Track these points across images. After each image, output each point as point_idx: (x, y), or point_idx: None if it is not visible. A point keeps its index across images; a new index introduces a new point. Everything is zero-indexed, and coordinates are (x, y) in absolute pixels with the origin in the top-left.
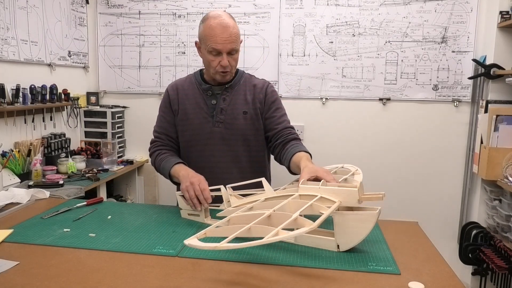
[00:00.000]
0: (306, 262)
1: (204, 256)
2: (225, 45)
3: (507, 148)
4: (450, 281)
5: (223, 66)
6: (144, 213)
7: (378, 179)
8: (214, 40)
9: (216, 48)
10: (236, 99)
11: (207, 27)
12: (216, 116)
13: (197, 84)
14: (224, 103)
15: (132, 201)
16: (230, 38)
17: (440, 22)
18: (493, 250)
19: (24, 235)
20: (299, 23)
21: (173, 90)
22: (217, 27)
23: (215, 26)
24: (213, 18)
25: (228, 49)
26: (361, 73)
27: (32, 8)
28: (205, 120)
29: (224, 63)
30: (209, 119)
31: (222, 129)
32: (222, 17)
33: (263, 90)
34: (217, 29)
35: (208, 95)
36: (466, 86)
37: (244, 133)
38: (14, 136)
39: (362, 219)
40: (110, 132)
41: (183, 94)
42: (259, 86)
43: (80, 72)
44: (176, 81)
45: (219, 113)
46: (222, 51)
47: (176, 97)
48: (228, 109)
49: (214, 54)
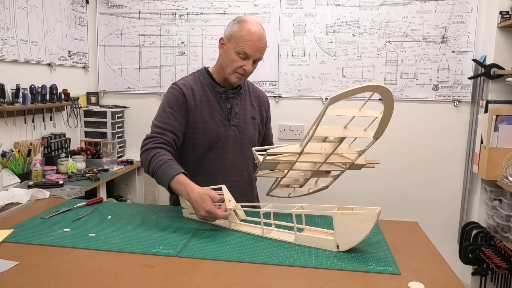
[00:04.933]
0: (306, 262)
1: (204, 256)
2: (256, 53)
3: (507, 148)
4: (450, 281)
5: (246, 70)
6: (144, 213)
7: (378, 179)
8: (249, 44)
9: (247, 53)
10: (245, 104)
11: (245, 30)
12: (232, 120)
13: (209, 86)
14: (237, 107)
15: (132, 201)
16: (262, 49)
17: (440, 22)
18: (493, 250)
19: (24, 235)
20: (299, 23)
21: (188, 90)
22: (255, 33)
23: (254, 31)
24: (251, 24)
25: (256, 57)
26: (361, 73)
27: (32, 8)
28: (221, 124)
29: (248, 68)
30: (225, 123)
31: (236, 132)
32: (259, 26)
33: (267, 100)
34: (255, 35)
35: (223, 98)
36: (466, 86)
37: (253, 137)
38: (14, 136)
39: (362, 219)
40: (110, 132)
41: (198, 96)
42: (263, 95)
43: (80, 72)
44: (186, 81)
45: (234, 117)
46: (251, 57)
47: (192, 97)
48: (241, 113)
49: (242, 57)
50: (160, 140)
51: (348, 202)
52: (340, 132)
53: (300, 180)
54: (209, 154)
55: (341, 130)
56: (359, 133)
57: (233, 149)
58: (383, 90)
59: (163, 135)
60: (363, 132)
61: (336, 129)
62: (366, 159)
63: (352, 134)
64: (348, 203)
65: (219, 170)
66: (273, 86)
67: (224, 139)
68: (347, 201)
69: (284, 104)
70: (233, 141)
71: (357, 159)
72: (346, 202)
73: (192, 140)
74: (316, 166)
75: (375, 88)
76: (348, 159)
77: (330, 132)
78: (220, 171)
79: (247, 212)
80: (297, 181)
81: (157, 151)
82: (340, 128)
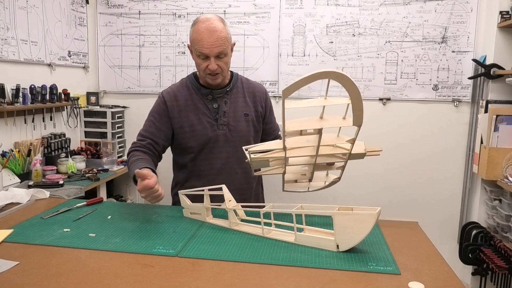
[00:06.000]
0: (306, 262)
1: (204, 256)
2: (212, 49)
3: (507, 148)
4: (450, 281)
5: (211, 69)
6: (144, 213)
7: (378, 179)
8: (201, 44)
9: (203, 52)
10: (236, 101)
11: (195, 31)
12: (220, 119)
13: (195, 89)
14: (225, 106)
15: (132, 201)
16: (217, 42)
17: (440, 22)
18: (493, 250)
19: (24, 235)
20: (299, 23)
21: (171, 98)
22: (204, 31)
23: (203, 30)
24: (201, 22)
25: (215, 53)
26: (361, 73)
27: (32, 8)
28: (209, 124)
29: (212, 67)
30: (213, 123)
31: (226, 131)
32: (210, 21)
33: (264, 95)
34: (204, 33)
35: (209, 99)
36: (466, 86)
37: (246, 135)
38: (14, 136)
39: (361, 219)
40: (110, 132)
41: (182, 101)
42: (260, 90)
43: (80, 72)
44: (172, 88)
45: (222, 116)
46: (209, 55)
47: (175, 104)
48: (230, 112)
49: (202, 58)
50: (138, 144)
51: (348, 202)
52: (316, 123)
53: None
54: (200, 155)
55: (316, 120)
56: (337, 121)
57: (223, 148)
58: (338, 76)
59: (141, 141)
60: (341, 120)
61: (311, 120)
62: (366, 147)
63: (329, 123)
64: (348, 203)
65: (210, 170)
66: (273, 86)
67: (213, 139)
68: (347, 201)
69: None
70: (223, 140)
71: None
72: (346, 202)
73: (183, 144)
74: (312, 160)
75: (328, 74)
76: (344, 149)
77: (304, 125)
78: (212, 170)
79: (247, 212)
80: (304, 176)
81: (133, 153)
82: (315, 119)
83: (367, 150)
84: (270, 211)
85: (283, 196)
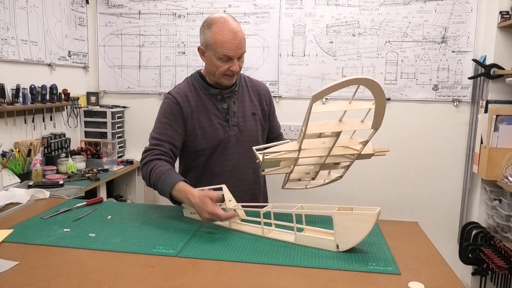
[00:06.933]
0: (306, 262)
1: (204, 256)
2: (237, 51)
3: (507, 148)
4: (450, 281)
5: (234, 71)
6: (144, 213)
7: (378, 179)
8: (226, 47)
9: (228, 55)
10: (243, 101)
11: (217, 33)
12: (231, 120)
13: (203, 89)
14: (235, 106)
15: (132, 201)
16: (241, 44)
17: (440, 22)
18: (493, 250)
19: (24, 235)
20: (299, 23)
21: (183, 98)
22: (227, 34)
23: (226, 33)
24: (221, 23)
25: (239, 54)
26: (361, 73)
27: (32, 8)
28: (220, 126)
29: (235, 68)
30: (224, 124)
31: (237, 132)
32: (229, 22)
33: (268, 93)
34: (228, 36)
35: (218, 100)
36: (466, 86)
37: (255, 134)
38: (14, 136)
39: (361, 219)
40: (110, 132)
41: (193, 102)
42: (263, 88)
43: (80, 72)
44: (180, 89)
45: (233, 117)
46: (233, 57)
47: (187, 105)
48: (239, 112)
49: (225, 60)
50: (157, 151)
51: (348, 202)
52: (335, 126)
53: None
54: (212, 157)
55: (336, 124)
56: (355, 125)
57: (235, 149)
58: (368, 82)
59: (160, 146)
60: (360, 123)
61: (331, 123)
62: (374, 148)
63: (348, 127)
64: (348, 203)
65: (222, 172)
66: (273, 86)
67: (225, 141)
68: (347, 201)
69: (284, 104)
70: (234, 141)
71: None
72: (346, 202)
73: (194, 147)
74: (322, 160)
75: (359, 81)
76: (354, 150)
77: (324, 127)
78: (224, 172)
79: (248, 212)
80: (308, 174)
81: (156, 163)
82: (334, 122)
83: (375, 151)
84: (270, 211)
85: (283, 195)
